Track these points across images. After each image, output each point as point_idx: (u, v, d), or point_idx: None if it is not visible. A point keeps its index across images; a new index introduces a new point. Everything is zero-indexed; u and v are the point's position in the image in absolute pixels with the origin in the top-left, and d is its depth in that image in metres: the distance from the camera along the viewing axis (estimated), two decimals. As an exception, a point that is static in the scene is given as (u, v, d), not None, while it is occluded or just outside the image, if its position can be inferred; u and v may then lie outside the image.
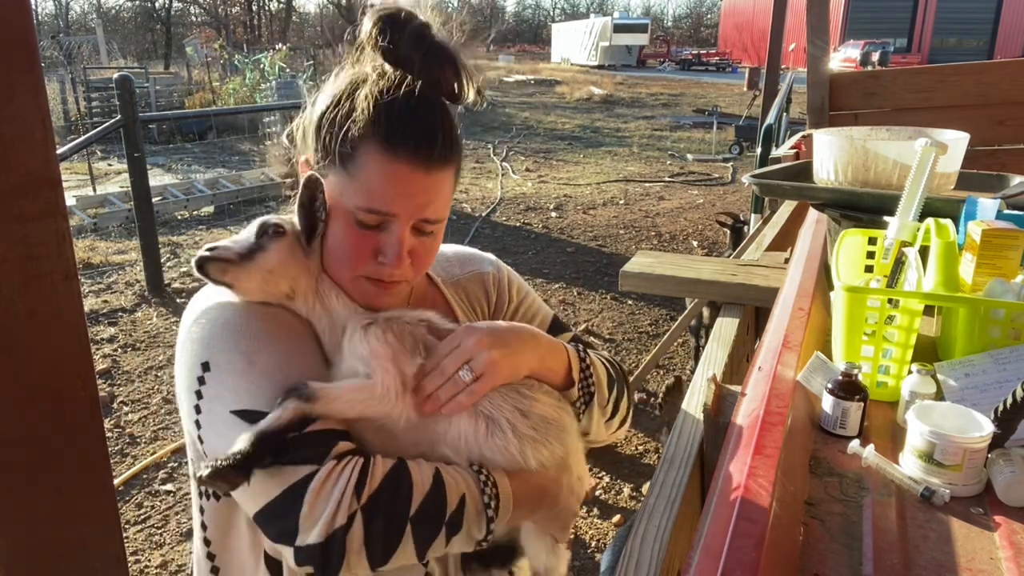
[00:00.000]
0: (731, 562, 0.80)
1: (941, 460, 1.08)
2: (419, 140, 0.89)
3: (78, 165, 10.13)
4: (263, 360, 0.87)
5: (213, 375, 0.87)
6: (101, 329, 5.13)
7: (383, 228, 0.91)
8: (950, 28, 38.14)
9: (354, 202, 0.90)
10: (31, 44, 0.95)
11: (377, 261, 0.92)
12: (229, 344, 0.88)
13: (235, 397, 0.85)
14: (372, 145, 0.88)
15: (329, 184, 0.91)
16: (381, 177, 0.88)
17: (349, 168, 0.90)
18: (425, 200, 0.91)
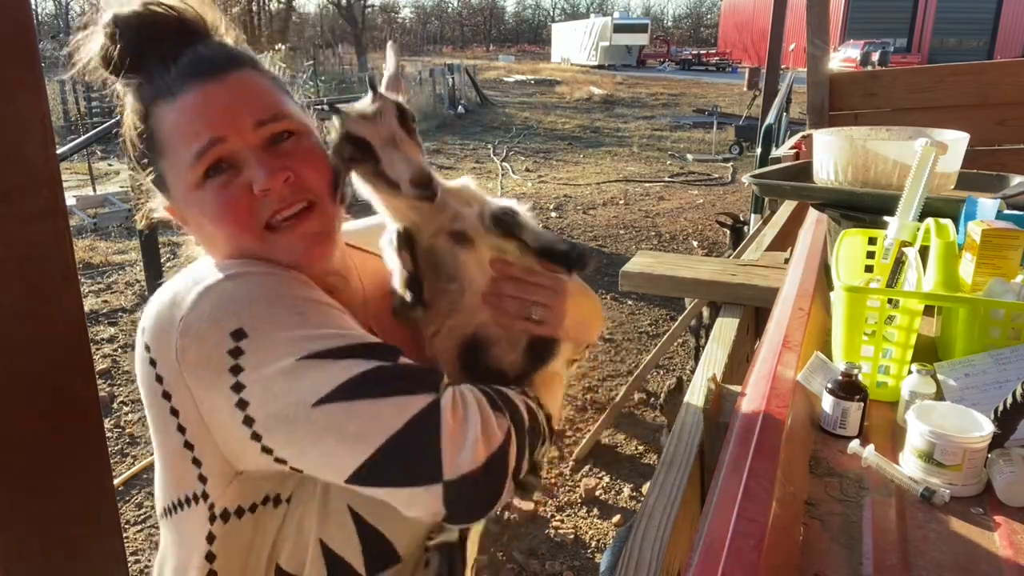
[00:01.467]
0: (731, 562, 0.80)
1: (941, 460, 1.08)
2: (185, 69, 0.80)
3: (78, 165, 10.12)
4: (314, 311, 0.75)
5: (253, 339, 0.71)
6: (101, 329, 5.13)
7: (234, 167, 0.80)
8: (950, 28, 38.13)
9: (183, 163, 0.79)
10: (31, 44, 0.95)
11: (256, 196, 0.79)
12: (260, 305, 0.73)
13: (296, 345, 0.71)
14: (154, 112, 0.80)
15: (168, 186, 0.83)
16: (179, 119, 0.79)
17: (160, 148, 0.81)
18: (237, 107, 0.79)
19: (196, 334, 0.73)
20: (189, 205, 0.82)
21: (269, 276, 0.77)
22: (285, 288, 0.76)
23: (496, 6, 79.52)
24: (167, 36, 0.82)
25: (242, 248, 0.82)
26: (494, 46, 70.85)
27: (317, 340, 0.72)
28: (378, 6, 58.36)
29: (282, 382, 0.70)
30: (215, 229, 0.82)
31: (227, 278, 0.76)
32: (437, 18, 76.88)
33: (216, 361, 0.72)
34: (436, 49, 59.83)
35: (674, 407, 3.07)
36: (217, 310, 0.73)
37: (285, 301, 0.74)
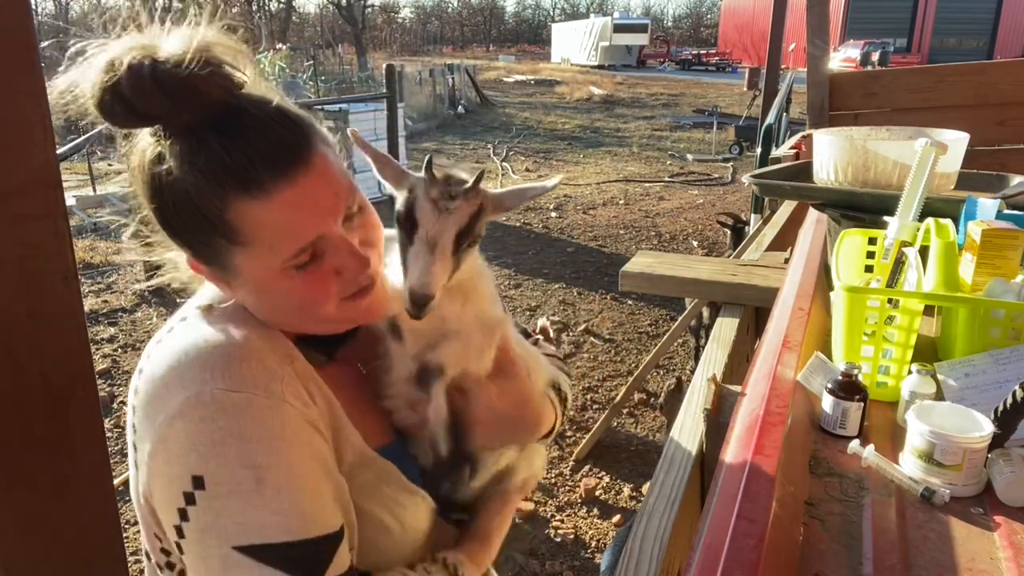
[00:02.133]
0: (731, 562, 0.80)
1: (941, 460, 1.08)
2: (272, 158, 0.72)
3: (78, 165, 10.12)
4: (274, 474, 0.71)
5: (208, 497, 0.70)
6: (101, 329, 5.13)
7: (319, 255, 0.77)
8: (950, 28, 38.12)
9: (277, 261, 0.75)
10: (31, 44, 0.95)
11: (343, 279, 0.79)
12: (232, 455, 0.70)
13: (241, 530, 0.69)
14: (236, 204, 0.72)
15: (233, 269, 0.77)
16: (277, 219, 0.73)
17: (239, 238, 0.74)
18: (325, 200, 0.76)
19: (167, 453, 0.72)
20: (262, 289, 0.78)
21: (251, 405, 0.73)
22: (260, 431, 0.72)
23: (496, 6, 79.52)
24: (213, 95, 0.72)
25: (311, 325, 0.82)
26: (494, 46, 70.84)
27: (258, 527, 0.70)
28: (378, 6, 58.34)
29: (214, 562, 0.71)
30: (295, 311, 0.80)
31: (213, 398, 0.72)
32: (437, 18, 76.87)
33: (173, 494, 0.72)
34: (436, 49, 59.81)
35: (674, 407, 3.06)
36: (189, 442, 0.71)
37: (249, 457, 0.71)
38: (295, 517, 0.71)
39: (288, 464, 0.73)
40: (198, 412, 0.71)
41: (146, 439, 0.74)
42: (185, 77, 0.69)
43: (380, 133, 8.63)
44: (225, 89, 0.73)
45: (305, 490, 0.73)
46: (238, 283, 0.80)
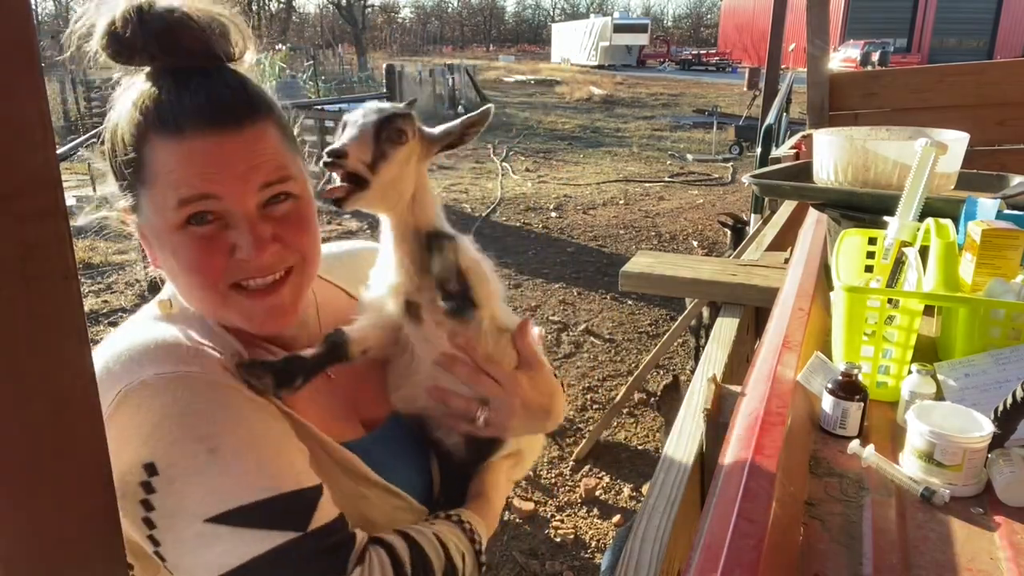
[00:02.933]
0: (731, 562, 0.80)
1: (941, 460, 1.08)
2: (200, 109, 0.75)
3: (78, 165, 10.12)
4: (227, 440, 0.70)
5: (165, 480, 0.68)
6: (101, 329, 5.13)
7: (221, 221, 0.77)
8: (950, 28, 38.13)
9: (168, 205, 0.75)
10: (31, 44, 0.95)
11: (234, 260, 0.77)
12: (177, 433, 0.69)
13: (204, 503, 0.68)
14: (153, 140, 0.75)
15: (144, 212, 0.78)
16: (178, 163, 0.74)
17: (147, 178, 0.76)
18: (245, 165, 0.76)
19: (112, 442, 0.69)
20: (162, 243, 0.78)
21: (187, 381, 0.72)
22: (202, 402, 0.71)
23: (496, 6, 79.52)
24: (192, 48, 0.77)
25: (198, 298, 0.81)
26: (494, 46, 70.84)
27: (227, 494, 0.68)
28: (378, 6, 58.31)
29: (191, 542, 0.69)
30: (181, 275, 0.79)
31: (144, 384, 0.71)
32: (437, 18, 76.87)
33: (130, 488, 0.69)
34: (436, 49, 59.82)
35: (669, 403, 3.07)
36: (130, 429, 0.69)
37: (196, 430, 0.69)
38: (262, 475, 0.70)
39: (240, 427, 0.72)
40: (133, 400, 0.70)
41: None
42: (169, 25, 0.75)
43: (380, 133, 8.62)
44: (202, 45, 0.77)
45: (267, 447, 0.72)
46: (149, 239, 0.81)
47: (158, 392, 0.71)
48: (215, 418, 0.71)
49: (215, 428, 0.70)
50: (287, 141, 0.83)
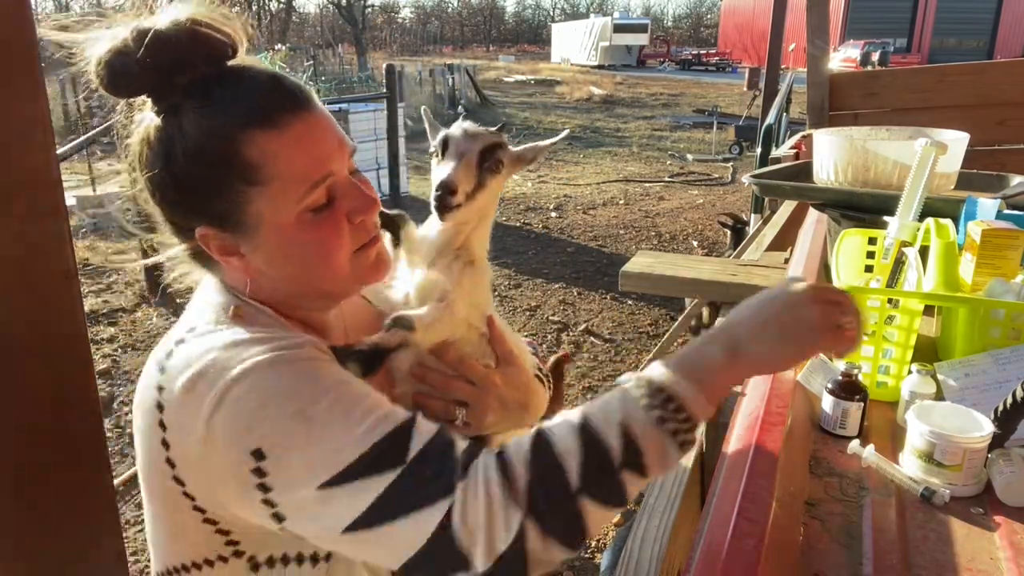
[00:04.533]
0: (731, 562, 0.80)
1: (941, 460, 1.08)
2: (277, 96, 0.78)
3: (78, 165, 10.12)
4: (319, 409, 0.73)
5: (272, 461, 0.71)
6: (101, 329, 5.13)
7: (330, 200, 0.81)
8: (950, 28, 38.13)
9: (294, 199, 0.78)
10: (31, 44, 0.95)
11: (355, 226, 0.83)
12: (273, 416, 0.72)
13: (314, 472, 0.71)
14: (253, 134, 0.76)
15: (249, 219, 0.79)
16: (289, 151, 0.77)
17: (257, 177, 0.77)
18: (335, 138, 0.81)
19: (218, 445, 0.73)
20: (281, 241, 0.80)
21: (273, 368, 0.74)
22: (288, 382, 0.74)
23: (496, 6, 79.51)
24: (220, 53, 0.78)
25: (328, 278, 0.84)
26: (494, 46, 70.83)
27: (328, 458, 0.71)
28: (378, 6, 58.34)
29: (312, 508, 0.72)
30: (313, 260, 0.82)
31: (243, 374, 0.73)
32: (437, 18, 76.86)
33: (242, 478, 0.72)
34: (436, 49, 59.82)
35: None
36: (235, 425, 0.72)
37: (293, 401, 0.73)
38: (355, 431, 0.72)
39: (328, 394, 0.74)
40: (233, 394, 0.73)
41: (187, 451, 0.75)
42: (174, 43, 0.75)
43: (380, 133, 8.62)
44: (217, 51, 0.78)
45: (354, 404, 0.74)
46: (253, 246, 0.81)
47: (254, 382, 0.73)
48: (302, 393, 0.73)
49: (304, 402, 0.73)
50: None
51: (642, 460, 0.70)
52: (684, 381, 0.72)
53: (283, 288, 0.85)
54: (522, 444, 0.73)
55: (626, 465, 0.70)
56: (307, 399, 0.73)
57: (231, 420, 0.72)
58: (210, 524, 0.79)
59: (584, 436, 0.71)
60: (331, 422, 0.72)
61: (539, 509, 0.69)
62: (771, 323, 0.75)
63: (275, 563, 0.82)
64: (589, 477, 0.70)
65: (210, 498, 0.77)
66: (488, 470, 0.71)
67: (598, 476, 0.70)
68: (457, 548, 0.68)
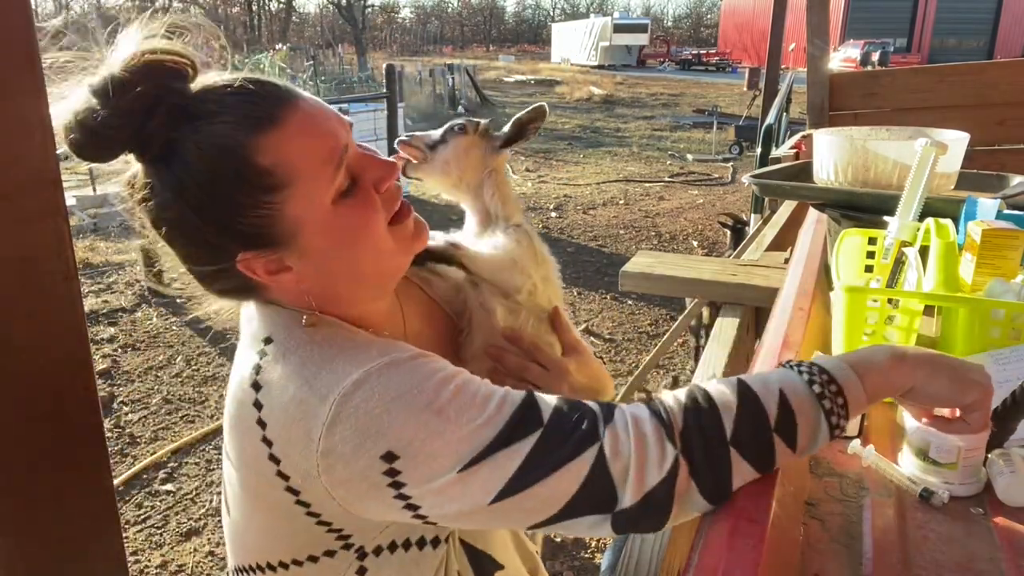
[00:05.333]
0: (731, 562, 0.80)
1: (936, 458, 1.08)
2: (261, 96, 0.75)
3: (78, 165, 10.12)
4: (444, 399, 0.72)
5: (407, 460, 0.70)
6: (101, 329, 5.13)
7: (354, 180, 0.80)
8: (950, 28, 38.14)
9: (323, 189, 0.76)
10: (31, 45, 0.95)
11: (384, 196, 0.81)
12: (402, 415, 0.70)
13: (452, 459, 0.69)
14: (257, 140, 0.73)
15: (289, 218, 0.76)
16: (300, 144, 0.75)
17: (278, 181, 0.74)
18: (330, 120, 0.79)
19: (341, 455, 0.70)
20: (325, 236, 0.78)
21: (386, 372, 0.73)
22: (406, 381, 0.72)
23: (496, 6, 79.51)
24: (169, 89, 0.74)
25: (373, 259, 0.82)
26: (494, 46, 70.85)
27: (468, 439, 0.70)
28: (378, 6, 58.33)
29: (453, 491, 0.70)
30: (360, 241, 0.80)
31: (355, 385, 0.71)
32: (437, 18, 76.85)
33: (372, 480, 0.71)
34: (436, 49, 59.82)
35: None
36: (359, 435, 0.70)
37: (418, 399, 0.71)
38: (488, 413, 0.71)
39: (447, 384, 0.73)
40: (351, 404, 0.71)
41: (303, 464, 0.73)
42: (136, 83, 0.71)
43: (380, 133, 8.62)
44: (179, 74, 0.75)
45: (475, 390, 0.74)
46: (299, 254, 0.78)
47: (370, 387, 0.71)
48: (424, 387, 0.72)
49: (429, 395, 0.71)
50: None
51: (795, 430, 0.72)
52: (847, 369, 0.75)
53: (339, 289, 0.82)
54: (677, 393, 0.74)
55: (779, 430, 0.72)
56: (430, 392, 0.72)
57: (354, 431, 0.70)
58: (324, 525, 0.77)
59: (742, 394, 0.72)
60: (461, 409, 0.71)
61: (692, 449, 0.70)
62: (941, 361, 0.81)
63: (381, 551, 0.81)
64: (743, 431, 0.71)
65: (331, 505, 0.75)
66: (637, 412, 0.72)
67: (752, 432, 0.71)
68: (608, 487, 0.69)
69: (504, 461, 0.69)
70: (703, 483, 0.71)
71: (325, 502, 0.75)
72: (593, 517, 0.70)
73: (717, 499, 0.72)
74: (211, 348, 4.81)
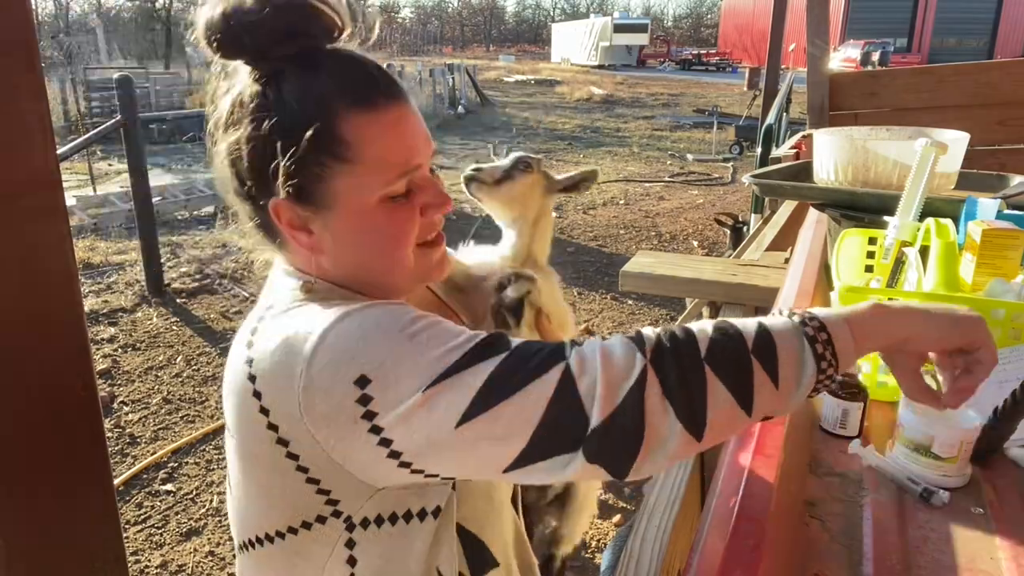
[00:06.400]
0: (731, 562, 0.80)
1: (939, 452, 1.08)
2: (379, 82, 0.79)
3: (78, 165, 10.13)
4: (419, 327, 0.73)
5: (378, 381, 0.70)
6: (101, 329, 5.13)
7: (410, 192, 0.82)
8: (950, 28, 38.14)
9: (378, 179, 0.79)
10: (31, 44, 0.95)
11: (425, 221, 0.84)
12: (377, 338, 0.72)
13: (420, 377, 0.70)
14: (352, 115, 0.77)
15: (329, 195, 0.79)
16: (383, 134, 0.78)
17: (348, 155, 0.78)
18: (421, 134, 0.82)
19: (320, 387, 0.71)
20: (355, 223, 0.81)
21: (371, 308, 0.76)
22: (384, 315, 0.75)
23: (496, 6, 79.50)
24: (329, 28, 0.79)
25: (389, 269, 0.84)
26: (494, 46, 70.86)
27: (435, 362, 0.70)
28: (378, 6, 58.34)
29: (419, 414, 0.70)
30: (383, 246, 0.82)
31: (337, 320, 0.74)
32: (437, 18, 76.87)
33: (347, 412, 0.71)
34: (436, 49, 59.80)
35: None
36: (336, 360, 0.72)
37: (393, 327, 0.73)
38: (458, 341, 0.72)
39: (419, 317, 0.75)
40: (330, 337, 0.73)
41: (288, 405, 0.74)
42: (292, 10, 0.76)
43: (380, 133, 8.61)
44: (328, 26, 0.79)
45: (450, 326, 0.75)
46: (324, 224, 0.81)
47: (350, 320, 0.74)
48: (401, 318, 0.74)
49: (404, 323, 0.73)
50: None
51: (775, 357, 0.69)
52: (831, 314, 0.73)
53: (346, 273, 0.85)
54: (656, 330, 0.72)
55: (757, 354, 0.69)
56: (406, 321, 0.73)
57: (331, 360, 0.72)
58: (313, 484, 0.78)
59: (718, 323, 0.72)
60: (433, 336, 0.72)
61: (663, 365, 0.68)
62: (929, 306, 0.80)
63: (368, 524, 0.81)
64: (718, 350, 0.69)
65: (318, 454, 0.75)
66: (606, 340, 0.71)
67: (728, 353, 0.69)
68: (576, 406, 0.67)
69: (469, 378, 0.69)
70: (676, 402, 0.67)
71: (312, 451, 0.75)
72: (565, 455, 0.68)
73: (693, 424, 0.67)
74: (211, 348, 4.81)
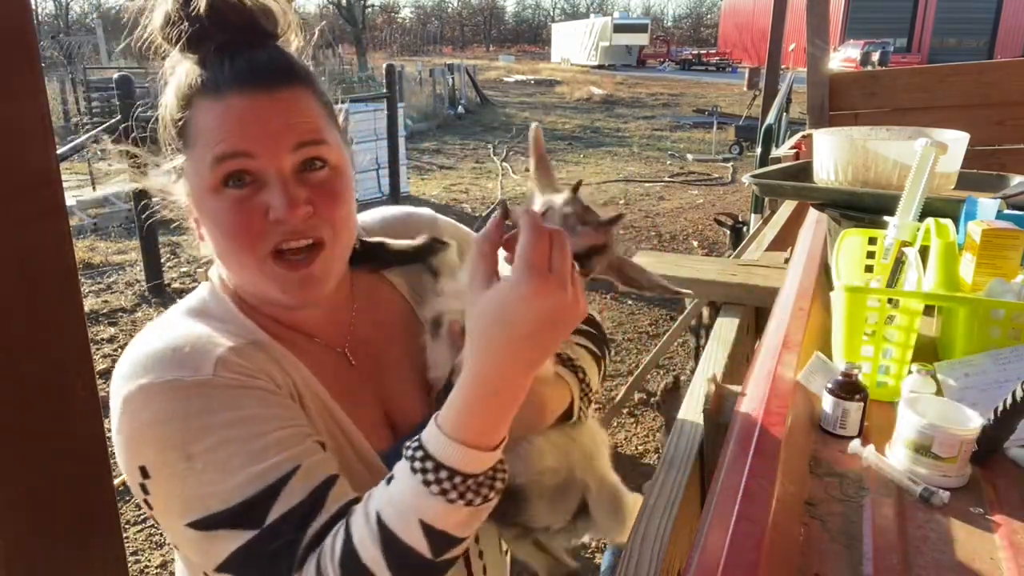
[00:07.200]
0: (731, 562, 0.80)
1: (939, 453, 1.08)
2: (239, 71, 0.78)
3: (78, 165, 10.12)
4: (199, 448, 0.73)
5: (154, 483, 0.75)
6: (101, 329, 5.13)
7: (257, 183, 0.78)
8: (950, 28, 38.15)
9: (205, 163, 0.78)
10: (31, 44, 0.95)
11: (270, 221, 0.78)
12: (160, 441, 0.73)
13: (184, 507, 0.74)
14: (197, 102, 0.79)
15: (188, 177, 0.82)
16: (216, 120, 0.77)
17: (189, 139, 0.80)
18: (279, 124, 0.78)
19: (118, 447, 0.77)
20: (203, 209, 0.81)
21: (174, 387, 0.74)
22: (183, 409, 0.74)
23: (496, 6, 79.51)
24: (235, 26, 0.80)
25: (238, 265, 0.82)
26: (494, 46, 70.86)
27: (198, 502, 0.73)
28: (378, 6, 58.37)
29: (183, 538, 0.76)
30: (221, 240, 0.81)
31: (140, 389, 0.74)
32: (437, 18, 76.87)
33: (135, 487, 0.76)
34: (436, 49, 59.82)
35: (670, 405, 3.06)
36: (128, 434, 0.75)
37: (176, 436, 0.73)
38: (227, 486, 0.73)
39: (214, 433, 0.74)
40: (129, 407, 0.75)
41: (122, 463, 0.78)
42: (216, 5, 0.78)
43: (380, 133, 8.62)
44: (246, 21, 0.80)
45: (236, 452, 0.74)
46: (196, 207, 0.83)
47: (149, 399, 0.74)
48: (190, 425, 0.74)
49: (190, 435, 0.73)
50: (326, 112, 0.84)
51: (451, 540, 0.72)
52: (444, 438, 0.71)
53: (230, 273, 0.86)
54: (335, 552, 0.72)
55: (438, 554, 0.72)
56: (193, 434, 0.73)
57: (126, 431, 0.75)
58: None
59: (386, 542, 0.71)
60: (207, 466, 0.73)
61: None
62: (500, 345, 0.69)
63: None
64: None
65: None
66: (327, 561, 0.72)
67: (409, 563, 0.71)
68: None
69: (223, 540, 0.73)
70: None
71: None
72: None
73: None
74: (211, 348, 4.81)
